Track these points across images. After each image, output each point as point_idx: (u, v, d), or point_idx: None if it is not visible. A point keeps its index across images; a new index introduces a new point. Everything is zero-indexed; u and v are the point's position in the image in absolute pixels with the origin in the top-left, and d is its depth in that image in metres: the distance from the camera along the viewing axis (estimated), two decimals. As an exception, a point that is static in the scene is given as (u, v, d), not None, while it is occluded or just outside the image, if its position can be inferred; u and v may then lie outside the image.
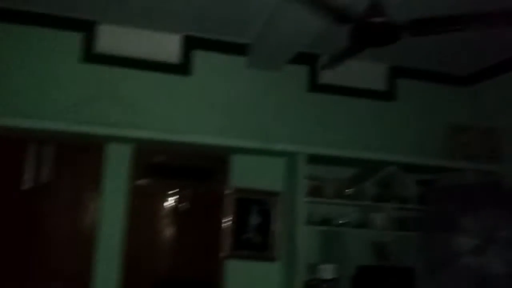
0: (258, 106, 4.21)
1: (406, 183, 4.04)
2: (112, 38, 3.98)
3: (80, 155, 3.91)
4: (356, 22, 2.53)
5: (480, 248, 3.33)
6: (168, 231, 4.00)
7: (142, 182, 3.99)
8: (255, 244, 4.07)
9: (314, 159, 3.87)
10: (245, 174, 4.11)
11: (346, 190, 4.01)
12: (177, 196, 4.06)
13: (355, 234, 3.92)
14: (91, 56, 3.93)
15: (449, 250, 3.47)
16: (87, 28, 3.92)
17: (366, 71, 4.49)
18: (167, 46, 4.11)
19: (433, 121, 4.49)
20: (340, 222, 3.90)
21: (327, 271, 3.72)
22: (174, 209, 4.04)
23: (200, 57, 4.14)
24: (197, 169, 4.18)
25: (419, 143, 4.37)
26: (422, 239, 3.62)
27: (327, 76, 4.39)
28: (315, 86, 4.37)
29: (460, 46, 3.90)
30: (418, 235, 3.65)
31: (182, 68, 4.10)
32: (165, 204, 4.05)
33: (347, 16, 2.49)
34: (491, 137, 4.17)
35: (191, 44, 4.12)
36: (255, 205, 4.10)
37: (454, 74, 4.61)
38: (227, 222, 4.05)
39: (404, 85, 4.52)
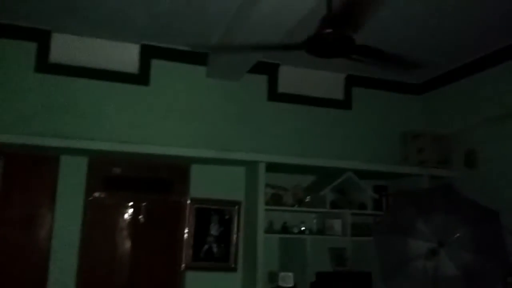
0: (218, 116, 4.22)
1: (362, 189, 4.14)
2: (68, 48, 3.92)
3: (33, 167, 3.81)
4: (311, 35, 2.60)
5: (433, 251, 3.43)
6: (126, 244, 3.94)
7: (98, 194, 3.92)
8: (215, 254, 4.06)
9: (274, 167, 3.91)
10: (205, 184, 4.11)
11: (306, 198, 4.07)
12: (135, 208, 4.00)
13: (314, 241, 3.97)
14: (45, 66, 3.85)
15: (404, 254, 3.56)
16: (42, 38, 3.85)
17: (324, 80, 4.60)
18: (125, 55, 4.07)
19: (388, 128, 4.64)
20: (299, 229, 3.95)
21: (286, 279, 3.75)
22: (132, 221, 3.98)
23: (159, 67, 4.12)
24: (156, 180, 4.14)
25: (374, 150, 4.49)
26: (378, 243, 3.70)
27: (287, 85, 4.46)
28: (274, 95, 4.43)
29: (413, 55, 4.04)
30: (375, 240, 3.73)
31: (140, 77, 4.07)
32: (123, 216, 3.98)
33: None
34: (442, 143, 4.33)
35: (149, 53, 4.10)
36: (215, 215, 4.10)
37: (407, 82, 4.77)
38: (186, 233, 4.03)
39: (359, 94, 4.65)
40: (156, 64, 4.12)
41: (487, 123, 3.98)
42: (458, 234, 3.45)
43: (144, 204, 4.01)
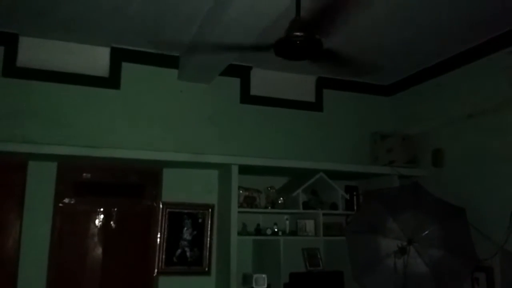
0: (190, 118, 4.21)
1: (334, 189, 4.20)
2: (36, 52, 3.85)
3: (0, 173, 3.70)
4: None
5: (403, 249, 3.51)
6: (97, 250, 3.89)
7: (68, 200, 3.86)
8: (189, 258, 4.04)
9: (246, 169, 3.93)
10: (177, 188, 4.09)
11: (279, 200, 4.10)
12: (106, 214, 3.95)
13: (287, 242, 4.00)
14: (13, 70, 3.77)
15: (375, 252, 3.64)
16: (9, 41, 3.77)
17: (296, 83, 4.65)
18: (95, 59, 4.02)
19: (358, 129, 4.71)
20: (273, 230, 3.97)
21: (260, 281, 3.77)
22: (103, 227, 3.93)
23: (130, 70, 4.08)
24: (127, 185, 4.10)
25: (345, 150, 4.56)
26: (350, 242, 3.76)
27: (259, 88, 4.49)
28: (247, 98, 4.45)
29: (381, 57, 4.14)
30: (347, 239, 3.78)
31: (111, 81, 4.03)
32: (94, 222, 3.93)
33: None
34: (410, 143, 4.44)
35: (120, 56, 4.06)
36: (188, 219, 4.09)
37: (376, 84, 4.87)
38: (159, 237, 4.00)
39: (330, 96, 4.71)
40: (127, 67, 4.08)
41: (452, 123, 4.10)
42: (426, 232, 3.55)
43: (115, 209, 3.97)
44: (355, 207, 4.35)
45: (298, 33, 2.63)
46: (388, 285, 3.56)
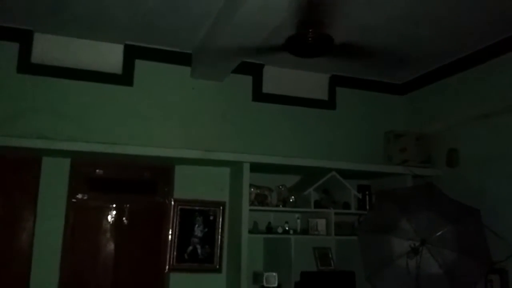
0: (202, 116, 4.21)
1: (346, 188, 4.16)
2: (50, 48, 3.89)
3: (14, 169, 3.74)
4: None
5: (415, 249, 3.47)
6: (109, 246, 3.90)
7: (81, 196, 3.89)
8: (200, 255, 4.05)
9: (258, 167, 3.91)
10: (189, 185, 4.10)
11: (291, 198, 4.09)
12: (118, 210, 3.97)
13: (298, 240, 3.98)
14: (28, 66, 3.81)
15: (388, 252, 3.60)
16: (24, 38, 3.80)
17: (309, 80, 4.62)
18: (108, 56, 4.05)
19: (371, 128, 4.66)
20: (284, 229, 3.96)
21: (271, 279, 3.75)
22: (116, 223, 3.95)
23: (143, 67, 4.10)
24: (140, 181, 4.11)
25: (358, 149, 4.52)
26: (362, 242, 3.73)
27: (271, 86, 4.47)
28: (259, 96, 4.43)
29: (395, 55, 4.10)
30: (359, 239, 3.75)
31: (124, 78, 4.05)
32: (106, 218, 3.95)
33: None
34: (424, 143, 4.38)
35: (133, 53, 4.08)
36: (200, 216, 4.09)
37: (390, 82, 4.82)
38: (171, 234, 4.01)
39: (343, 94, 4.68)
40: (140, 65, 4.10)
41: (468, 123, 4.04)
42: (440, 232, 3.49)
43: (127, 205, 3.98)
44: (367, 207, 4.31)
45: (309, 30, 2.63)
46: (401, 286, 3.52)
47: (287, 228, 3.97)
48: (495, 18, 3.42)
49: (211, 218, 4.12)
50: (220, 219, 4.12)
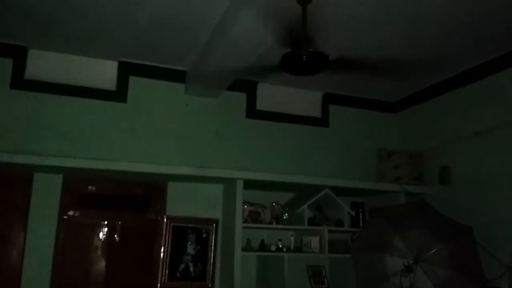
0: (196, 132, 4.22)
1: (339, 206, 4.16)
2: (44, 64, 3.89)
3: (5, 185, 3.70)
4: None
5: (409, 267, 3.45)
6: (101, 264, 3.85)
7: (73, 213, 3.85)
8: (192, 273, 4.00)
9: (251, 184, 3.91)
10: (182, 202, 4.07)
11: (284, 215, 4.07)
12: (110, 227, 3.93)
13: (292, 258, 3.96)
14: (21, 82, 3.81)
15: (381, 270, 3.58)
16: (18, 54, 3.81)
17: (302, 98, 4.65)
18: (103, 72, 4.06)
19: (364, 145, 4.70)
20: (277, 246, 3.93)
21: (264, 297, 3.72)
22: (107, 240, 3.90)
23: (137, 84, 4.11)
24: (132, 198, 4.08)
25: (351, 167, 4.54)
26: (356, 260, 3.71)
27: (265, 103, 4.50)
28: (253, 113, 4.46)
29: (387, 74, 4.14)
30: (352, 257, 3.74)
31: (118, 94, 4.05)
32: (98, 235, 3.90)
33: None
34: (417, 160, 4.41)
35: (127, 70, 4.09)
36: (192, 233, 4.06)
37: (383, 100, 4.86)
38: (163, 252, 3.96)
39: (336, 112, 4.71)
40: (134, 81, 4.11)
41: (460, 140, 4.07)
42: (433, 250, 3.49)
43: (119, 222, 3.94)
44: (361, 224, 4.31)
45: (304, 48, 2.65)
46: (394, 304, 3.50)
47: (280, 246, 3.94)
48: (485, 38, 3.48)
49: (204, 235, 4.09)
50: (213, 237, 4.09)
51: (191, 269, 4.00)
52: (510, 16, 3.14)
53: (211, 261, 4.05)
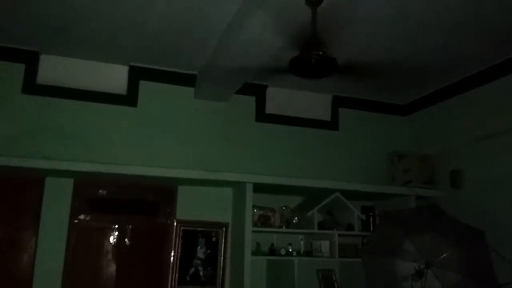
0: (206, 136, 4.22)
1: (350, 210, 4.14)
2: (56, 69, 3.93)
3: (18, 189, 3.74)
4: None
5: (420, 272, 3.42)
6: (111, 267, 3.86)
7: (83, 217, 3.87)
8: (202, 278, 4.00)
9: (261, 188, 3.90)
10: (192, 206, 4.08)
11: (294, 219, 4.06)
12: (120, 231, 3.94)
13: (302, 262, 3.94)
14: (33, 87, 3.84)
15: (392, 275, 3.54)
16: (30, 59, 3.85)
17: (312, 101, 4.64)
18: (113, 77, 4.08)
19: (374, 149, 4.66)
20: (287, 250, 3.92)
21: (274, 301, 3.71)
22: (118, 244, 3.92)
23: (147, 88, 4.13)
24: (142, 202, 4.09)
25: (361, 170, 4.51)
26: (366, 264, 3.68)
27: (274, 106, 4.49)
28: (262, 116, 4.45)
29: (397, 76, 4.12)
30: (363, 261, 3.71)
31: (128, 99, 4.08)
32: (108, 239, 3.92)
33: None
34: (427, 163, 4.37)
35: (138, 75, 4.12)
36: (202, 237, 4.06)
37: (393, 103, 4.83)
38: (173, 256, 3.97)
39: (346, 115, 4.69)
40: (144, 85, 4.13)
41: (472, 143, 4.03)
42: (445, 255, 3.45)
43: (130, 226, 3.96)
44: (371, 228, 4.28)
45: (313, 52, 2.65)
46: (405, 308, 3.47)
47: (290, 250, 3.93)
48: (496, 40, 3.45)
49: (214, 239, 4.09)
50: (223, 241, 4.09)
51: (201, 273, 4.00)
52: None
53: (221, 265, 4.05)
